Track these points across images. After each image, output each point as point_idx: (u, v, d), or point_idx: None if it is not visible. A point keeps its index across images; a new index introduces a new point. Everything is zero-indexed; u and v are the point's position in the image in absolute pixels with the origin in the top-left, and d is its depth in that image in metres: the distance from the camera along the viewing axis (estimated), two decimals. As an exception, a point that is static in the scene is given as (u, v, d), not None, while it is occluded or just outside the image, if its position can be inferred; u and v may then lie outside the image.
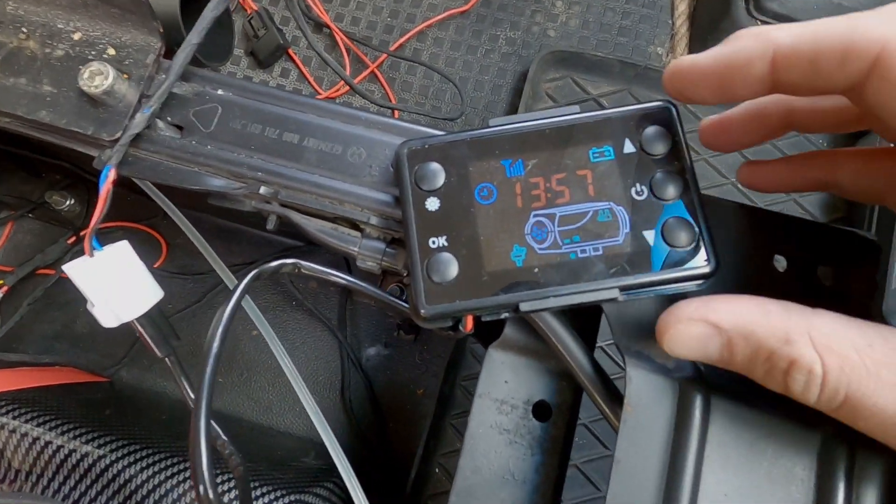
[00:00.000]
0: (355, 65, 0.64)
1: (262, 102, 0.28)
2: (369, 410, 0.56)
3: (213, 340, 0.23)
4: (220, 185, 0.27)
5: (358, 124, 0.27)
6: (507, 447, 0.28)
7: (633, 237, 0.21)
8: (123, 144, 0.27)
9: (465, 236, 0.22)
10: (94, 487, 0.37)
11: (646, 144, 0.22)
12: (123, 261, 0.29)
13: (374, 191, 0.26)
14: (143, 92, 0.28)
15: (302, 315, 0.58)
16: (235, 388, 0.56)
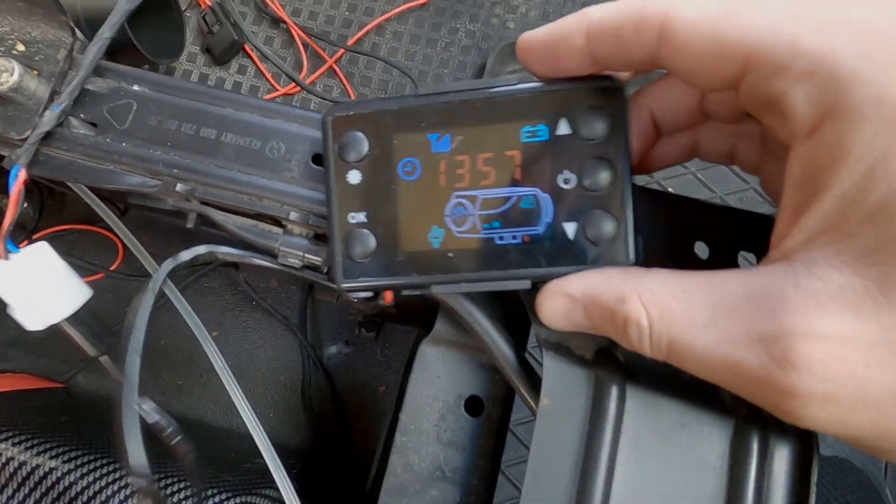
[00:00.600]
0: (313, 60, 0.63)
1: (179, 97, 0.27)
2: (331, 409, 0.55)
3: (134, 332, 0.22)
4: (135, 182, 0.27)
5: (277, 118, 0.27)
6: (437, 443, 0.27)
7: (553, 228, 0.20)
8: (32, 143, 0.26)
9: (384, 213, 0.21)
10: (44, 501, 0.36)
11: (582, 127, 0.20)
12: (43, 262, 0.28)
13: (293, 185, 0.26)
14: (54, 88, 0.27)
15: (262, 315, 0.57)
16: (195, 391, 0.55)
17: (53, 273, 0.28)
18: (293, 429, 0.55)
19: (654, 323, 0.17)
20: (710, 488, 0.20)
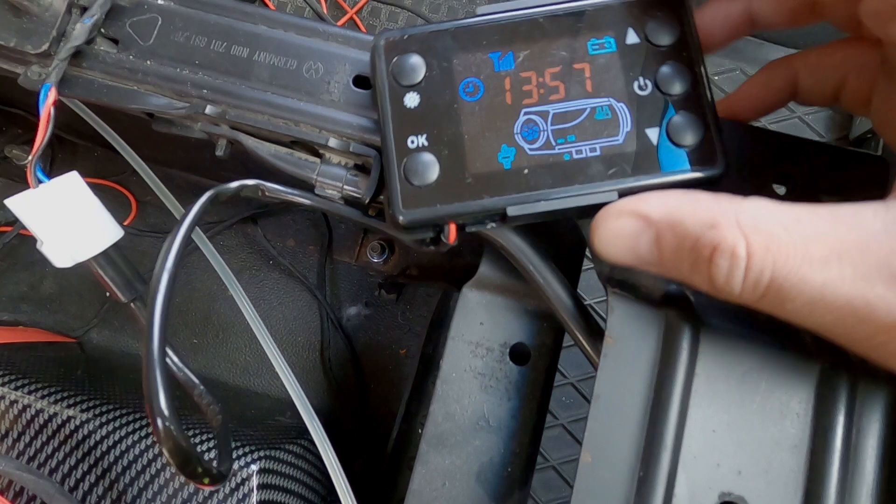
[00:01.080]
0: (332, 11, 0.60)
1: (208, 12, 0.25)
2: (350, 371, 0.54)
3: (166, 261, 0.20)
4: (161, 104, 0.24)
5: (315, 37, 0.24)
6: (481, 392, 0.26)
7: (635, 136, 0.19)
8: (63, 59, 0.24)
9: (447, 135, 0.20)
10: (62, 449, 0.35)
11: (651, 34, 0.20)
12: (74, 193, 0.26)
13: (333, 110, 0.24)
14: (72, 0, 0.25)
15: (279, 275, 0.56)
16: (211, 350, 0.54)
17: (84, 206, 0.26)
18: (311, 390, 0.54)
19: (756, 253, 0.15)
20: (793, 436, 0.19)
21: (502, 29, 0.20)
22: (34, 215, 0.24)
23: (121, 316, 0.55)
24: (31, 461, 0.34)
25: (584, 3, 0.20)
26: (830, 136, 0.55)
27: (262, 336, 0.31)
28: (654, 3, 0.20)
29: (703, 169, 0.19)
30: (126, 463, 0.35)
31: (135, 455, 0.35)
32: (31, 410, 0.35)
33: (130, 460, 0.35)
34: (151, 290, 0.19)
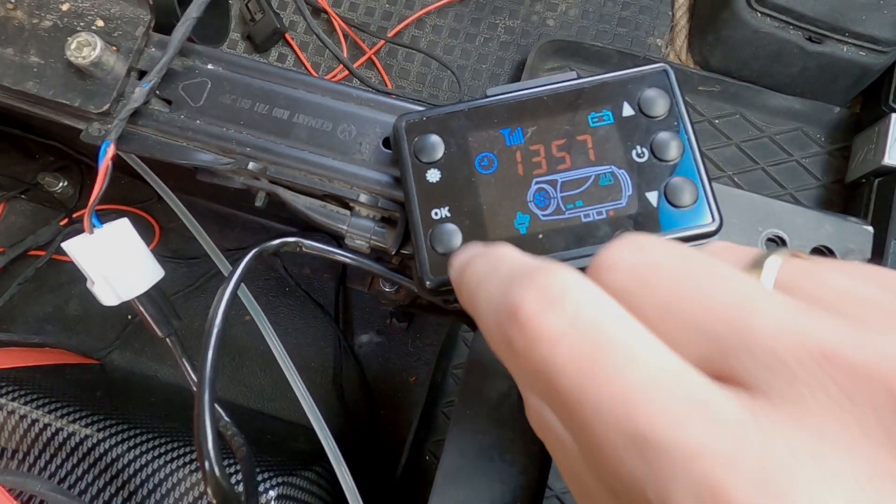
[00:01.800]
0: (352, 51, 0.64)
1: (252, 77, 0.27)
2: (361, 397, 0.56)
3: (216, 318, 0.23)
4: (208, 160, 0.27)
5: (349, 101, 0.27)
6: (494, 427, 0.28)
7: (636, 199, 0.21)
8: (122, 119, 0.26)
9: (467, 206, 0.22)
10: (80, 466, 0.37)
11: (644, 106, 0.22)
12: (123, 238, 0.28)
13: (363, 168, 0.26)
14: (131, 65, 0.27)
15: (294, 301, 0.58)
16: (226, 374, 0.56)
17: (132, 250, 0.28)
18: (323, 415, 0.55)
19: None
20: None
21: (511, 108, 0.22)
22: (88, 258, 0.27)
23: (141, 338, 0.57)
24: (61, 482, 0.36)
25: (583, 80, 0.23)
26: (826, 178, 0.57)
27: (285, 363, 0.33)
28: (644, 80, 0.22)
29: (699, 226, 0.21)
30: (151, 486, 0.37)
31: (160, 479, 0.37)
32: (62, 434, 0.37)
33: (156, 483, 0.37)
34: (203, 345, 0.21)
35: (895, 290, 0.11)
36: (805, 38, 0.52)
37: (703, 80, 0.58)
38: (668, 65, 0.23)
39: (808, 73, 0.55)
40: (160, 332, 0.30)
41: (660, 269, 0.11)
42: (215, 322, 0.22)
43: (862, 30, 0.51)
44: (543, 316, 0.11)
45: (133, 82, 0.28)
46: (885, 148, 0.50)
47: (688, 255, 0.12)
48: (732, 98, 0.59)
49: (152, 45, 0.28)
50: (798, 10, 0.51)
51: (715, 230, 0.21)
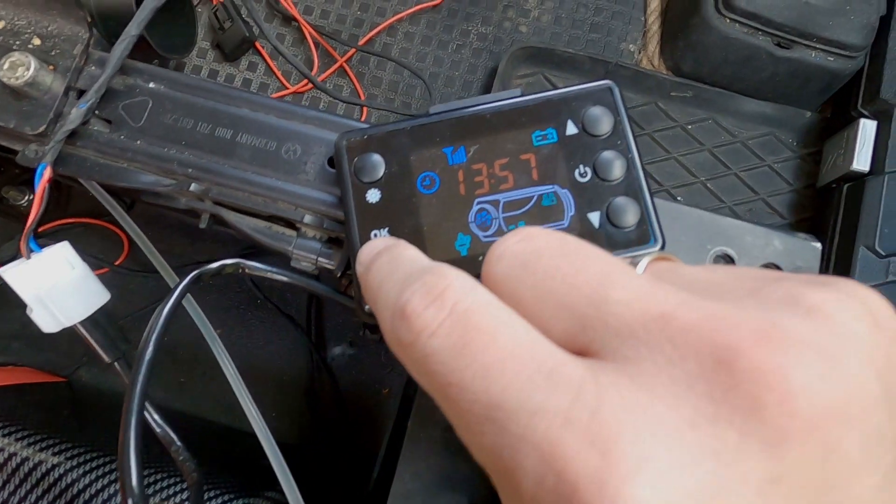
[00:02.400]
0: (324, 59, 0.63)
1: (195, 96, 0.27)
2: (335, 409, 0.55)
3: (147, 347, 0.22)
4: (149, 181, 0.26)
5: (294, 119, 0.26)
6: (447, 451, 0.27)
7: (579, 220, 0.21)
8: (59, 141, 0.25)
9: (407, 227, 0.21)
10: (45, 498, 0.36)
11: (588, 125, 0.22)
12: (64, 263, 0.28)
13: (308, 188, 0.26)
14: (69, 84, 0.26)
15: (266, 314, 0.57)
16: (197, 389, 0.55)
17: (74, 274, 0.27)
18: (295, 428, 0.55)
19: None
20: None
21: (454, 126, 0.22)
22: (25, 285, 0.26)
23: (110, 354, 0.56)
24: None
25: (527, 98, 0.22)
26: (798, 183, 0.57)
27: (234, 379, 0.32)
28: (588, 97, 0.22)
29: (641, 247, 0.21)
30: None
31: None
32: (16, 458, 0.36)
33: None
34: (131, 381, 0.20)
35: (740, 275, 0.12)
36: (774, 43, 0.52)
37: (676, 86, 0.58)
38: (612, 82, 0.22)
39: (778, 78, 0.55)
40: (107, 358, 0.30)
41: (540, 255, 0.12)
42: (146, 352, 0.22)
43: (829, 35, 0.51)
44: (424, 311, 0.12)
45: (72, 102, 0.27)
46: (854, 153, 0.50)
47: (568, 242, 0.13)
48: (705, 103, 0.59)
49: (92, 63, 0.27)
50: (766, 15, 0.51)
51: (657, 251, 0.21)
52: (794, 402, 0.09)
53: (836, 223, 0.51)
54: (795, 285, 0.11)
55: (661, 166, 0.59)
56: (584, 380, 0.10)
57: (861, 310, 0.11)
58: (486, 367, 0.11)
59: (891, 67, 0.50)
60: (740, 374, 0.09)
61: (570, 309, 0.11)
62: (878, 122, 0.50)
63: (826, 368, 0.10)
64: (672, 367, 0.10)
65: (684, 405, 0.10)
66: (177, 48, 0.58)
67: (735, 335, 0.10)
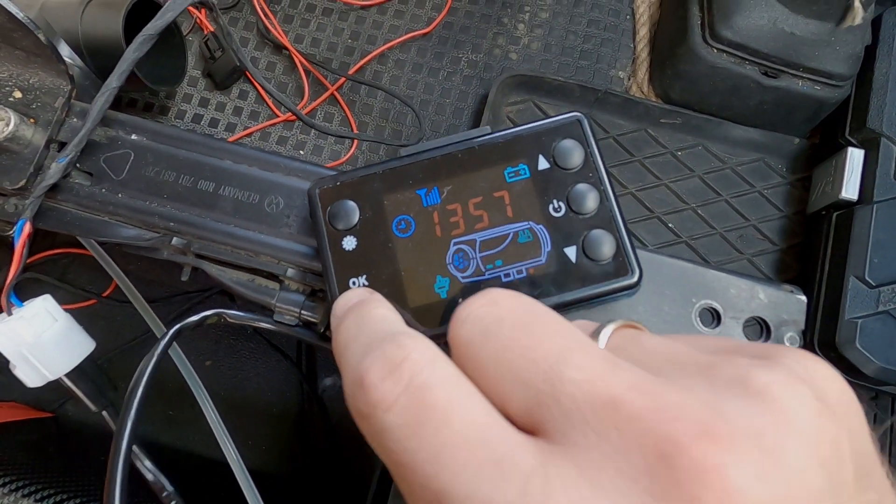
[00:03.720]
0: (315, 87, 0.63)
1: (178, 148, 0.27)
2: (326, 441, 0.54)
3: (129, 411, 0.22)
4: (131, 235, 0.26)
5: (276, 171, 0.26)
6: None
7: (555, 255, 0.21)
8: (38, 196, 0.25)
9: (385, 273, 0.21)
10: None
11: (559, 159, 0.21)
12: (46, 316, 0.27)
13: (291, 242, 0.25)
14: (51, 136, 0.26)
15: (256, 345, 0.56)
16: (186, 422, 0.54)
17: (57, 327, 0.27)
18: (286, 460, 0.54)
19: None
20: None
21: (426, 167, 0.22)
22: (7, 342, 0.26)
23: (98, 386, 0.55)
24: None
25: (496, 134, 0.22)
26: (789, 209, 0.57)
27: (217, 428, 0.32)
28: (558, 131, 0.22)
29: (619, 279, 0.21)
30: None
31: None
32: (-3, 506, 0.35)
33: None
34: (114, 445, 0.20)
35: (698, 346, 0.12)
36: (761, 72, 0.53)
37: (665, 113, 0.59)
38: (581, 114, 0.22)
39: (765, 106, 0.55)
40: (94, 407, 0.29)
41: (502, 323, 0.12)
42: (129, 415, 0.21)
43: (816, 65, 0.51)
44: (381, 383, 0.12)
45: (53, 154, 0.27)
46: (843, 182, 0.50)
47: (531, 311, 0.12)
48: (694, 130, 0.59)
49: (74, 115, 0.27)
50: (752, 46, 0.51)
51: (635, 282, 0.21)
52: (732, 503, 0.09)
53: (825, 252, 0.51)
54: (745, 364, 0.11)
55: (652, 193, 0.59)
56: (534, 471, 0.10)
57: (807, 392, 0.10)
58: (437, 452, 0.11)
59: (877, 97, 0.50)
60: (681, 471, 0.09)
61: (527, 383, 0.11)
62: (865, 150, 0.50)
63: (765, 466, 0.09)
64: (618, 457, 0.10)
65: (627, 501, 0.10)
66: (167, 80, 0.58)
67: (678, 428, 0.10)
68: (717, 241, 0.57)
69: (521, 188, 0.22)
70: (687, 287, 0.24)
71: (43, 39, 0.24)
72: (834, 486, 0.10)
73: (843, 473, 0.10)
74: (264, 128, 0.62)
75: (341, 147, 0.62)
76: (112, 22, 0.49)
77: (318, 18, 0.66)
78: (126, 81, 0.26)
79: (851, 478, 0.10)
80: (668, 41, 0.59)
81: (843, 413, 0.11)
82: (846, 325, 0.46)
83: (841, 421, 0.11)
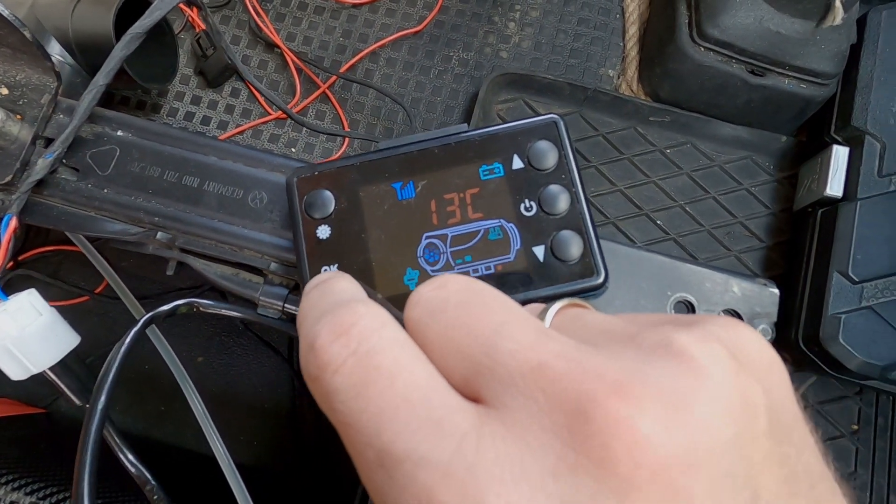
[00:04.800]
0: (307, 84, 0.63)
1: (163, 144, 0.27)
2: (317, 436, 0.55)
3: (100, 396, 0.22)
4: (117, 230, 0.26)
5: (260, 167, 0.27)
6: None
7: (523, 253, 0.21)
8: (24, 192, 0.26)
9: (357, 263, 0.21)
10: None
11: (533, 159, 0.22)
12: (31, 310, 0.27)
13: (274, 236, 0.26)
14: (37, 132, 0.27)
15: (248, 341, 0.57)
16: (178, 418, 0.55)
17: (41, 321, 0.27)
18: (278, 456, 0.55)
19: None
20: None
21: (402, 161, 0.22)
22: (-8, 333, 0.26)
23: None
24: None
25: (473, 132, 0.22)
26: (776, 206, 0.58)
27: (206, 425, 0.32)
28: (534, 132, 0.22)
29: (585, 280, 0.21)
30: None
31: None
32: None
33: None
34: (84, 429, 0.20)
35: (633, 321, 0.13)
36: (748, 71, 0.53)
37: (654, 111, 0.59)
38: (558, 116, 0.23)
39: (752, 104, 0.56)
40: (77, 401, 0.29)
41: (447, 303, 0.13)
42: (99, 400, 0.22)
43: (801, 63, 0.52)
44: (330, 346, 0.12)
45: (39, 150, 0.27)
46: (828, 179, 0.50)
47: (475, 291, 0.13)
48: (683, 128, 0.60)
49: (60, 111, 0.27)
50: (739, 44, 0.52)
51: (600, 284, 0.21)
52: (640, 451, 0.10)
53: (811, 248, 0.51)
54: (670, 329, 0.12)
55: (641, 190, 0.59)
56: (468, 431, 0.11)
57: (722, 352, 0.11)
58: (380, 412, 0.11)
59: (861, 95, 0.51)
60: (595, 423, 0.10)
61: (468, 356, 0.12)
62: (850, 148, 0.50)
63: (674, 418, 0.10)
64: (542, 415, 0.11)
65: (549, 455, 0.10)
66: (157, 78, 0.58)
67: (595, 385, 0.10)
68: (704, 238, 0.58)
69: (495, 186, 0.22)
70: (663, 281, 0.25)
71: (28, 36, 0.24)
72: (742, 437, 0.10)
73: (754, 427, 0.11)
74: (256, 126, 0.62)
75: (333, 145, 0.62)
76: (103, 19, 0.50)
77: (309, 17, 0.66)
78: (117, 79, 0.27)
79: (764, 431, 0.11)
80: (656, 40, 0.59)
81: (761, 371, 0.11)
82: (830, 320, 0.46)
83: (757, 378, 0.11)
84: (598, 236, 0.21)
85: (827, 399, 0.54)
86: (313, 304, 0.15)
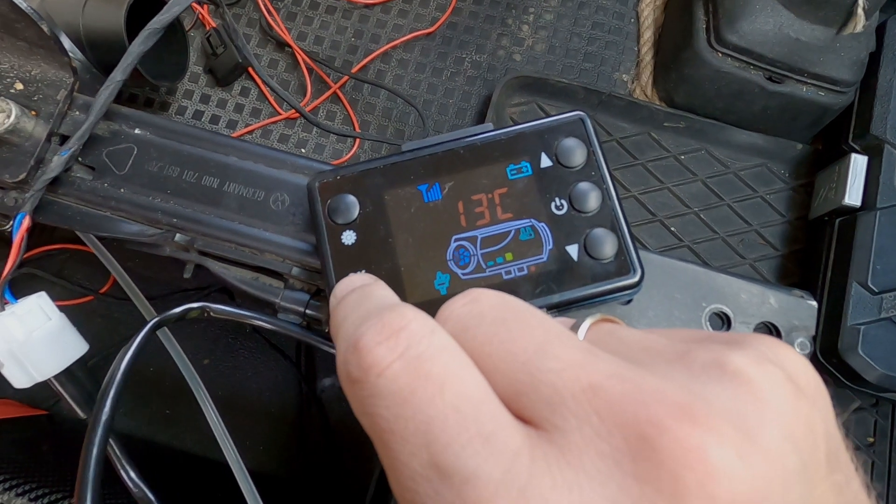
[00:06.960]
0: (317, 84, 0.63)
1: (182, 143, 0.26)
2: (324, 442, 0.54)
3: (104, 404, 0.21)
4: (133, 231, 0.26)
5: (282, 168, 0.26)
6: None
7: (557, 253, 0.21)
8: (38, 190, 0.25)
9: (385, 269, 0.21)
10: None
11: (562, 157, 0.21)
12: (40, 314, 0.27)
13: (296, 240, 0.25)
14: (52, 129, 0.26)
15: (255, 344, 0.56)
16: (182, 421, 0.54)
17: (49, 326, 0.26)
18: (285, 461, 0.54)
19: None
20: None
21: (427, 162, 0.22)
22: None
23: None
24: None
25: (499, 132, 0.22)
26: (791, 214, 0.57)
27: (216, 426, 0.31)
28: (561, 129, 0.22)
29: (620, 279, 0.20)
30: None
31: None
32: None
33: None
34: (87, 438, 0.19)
35: (673, 337, 0.12)
36: (765, 77, 0.53)
37: (669, 117, 0.59)
38: (584, 113, 0.22)
39: (769, 111, 0.55)
40: (81, 413, 0.28)
41: (481, 320, 0.12)
42: (104, 409, 0.21)
43: (820, 71, 0.51)
44: (377, 347, 0.12)
45: (54, 148, 0.26)
46: (846, 188, 0.50)
47: (510, 307, 0.13)
48: (698, 134, 0.59)
49: (76, 107, 0.27)
50: (757, 51, 0.51)
51: (637, 282, 0.20)
52: (714, 484, 0.09)
53: (828, 257, 0.51)
54: (719, 349, 0.11)
55: (654, 196, 0.59)
56: (520, 449, 0.10)
57: (779, 375, 0.11)
58: (429, 421, 0.11)
59: (880, 103, 0.50)
60: (662, 452, 0.09)
61: (506, 374, 0.11)
62: (868, 157, 0.50)
63: (745, 446, 0.10)
64: (599, 440, 0.10)
65: (610, 484, 0.10)
66: (168, 75, 0.57)
67: (659, 410, 0.10)
68: (718, 246, 0.57)
69: (524, 185, 0.21)
70: (697, 291, 0.24)
71: (46, 30, 0.24)
72: (807, 467, 0.10)
73: (816, 454, 0.10)
74: (266, 125, 0.62)
75: (343, 146, 0.61)
76: (114, 16, 0.49)
77: (321, 16, 0.65)
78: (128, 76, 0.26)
79: (823, 459, 0.11)
80: (672, 45, 0.59)
81: (814, 396, 0.11)
82: (848, 331, 0.46)
83: (813, 403, 0.11)
84: (632, 233, 0.21)
85: (842, 411, 0.54)
86: (353, 306, 0.15)
